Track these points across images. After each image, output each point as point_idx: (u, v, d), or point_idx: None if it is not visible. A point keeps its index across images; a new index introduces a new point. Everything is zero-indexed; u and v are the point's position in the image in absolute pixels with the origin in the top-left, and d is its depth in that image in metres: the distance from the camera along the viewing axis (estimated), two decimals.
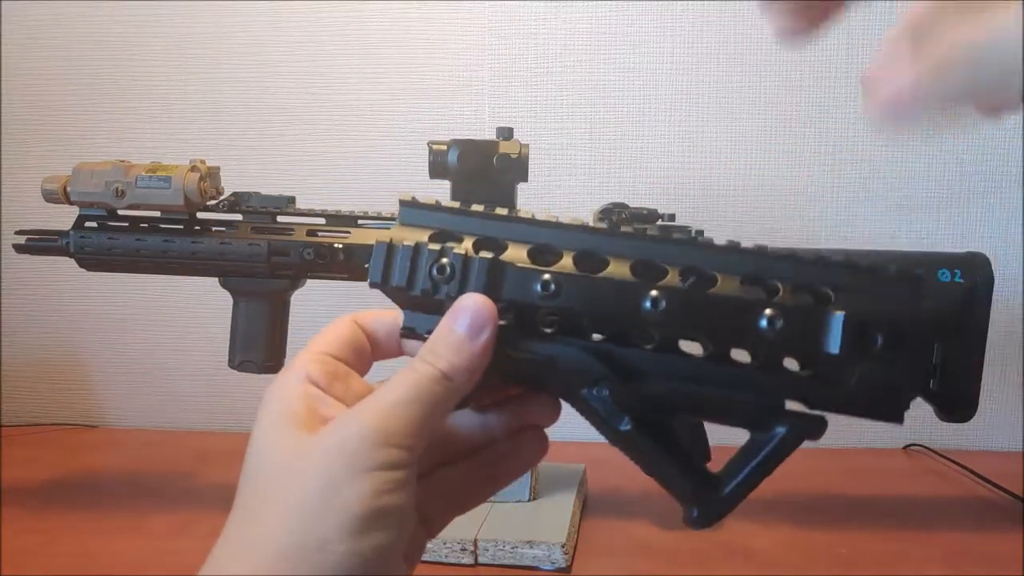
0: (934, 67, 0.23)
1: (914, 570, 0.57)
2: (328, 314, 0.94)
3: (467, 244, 0.31)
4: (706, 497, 0.31)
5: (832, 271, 0.29)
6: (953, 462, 0.79)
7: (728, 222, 0.87)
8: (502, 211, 0.32)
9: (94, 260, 0.63)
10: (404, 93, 0.88)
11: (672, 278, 0.30)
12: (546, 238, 0.31)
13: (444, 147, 0.63)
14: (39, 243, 0.63)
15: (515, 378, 0.32)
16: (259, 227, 0.63)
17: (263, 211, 0.63)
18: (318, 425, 0.29)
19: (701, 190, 0.88)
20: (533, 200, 0.67)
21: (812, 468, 0.76)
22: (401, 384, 0.29)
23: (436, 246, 0.30)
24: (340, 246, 0.62)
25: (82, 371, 0.95)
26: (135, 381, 0.94)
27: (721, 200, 0.87)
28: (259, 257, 0.62)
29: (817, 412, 0.30)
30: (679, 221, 0.65)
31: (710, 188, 0.87)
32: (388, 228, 0.67)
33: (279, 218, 0.64)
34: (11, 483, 0.72)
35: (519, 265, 0.30)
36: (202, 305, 0.90)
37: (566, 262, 0.30)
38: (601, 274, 0.30)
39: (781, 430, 0.30)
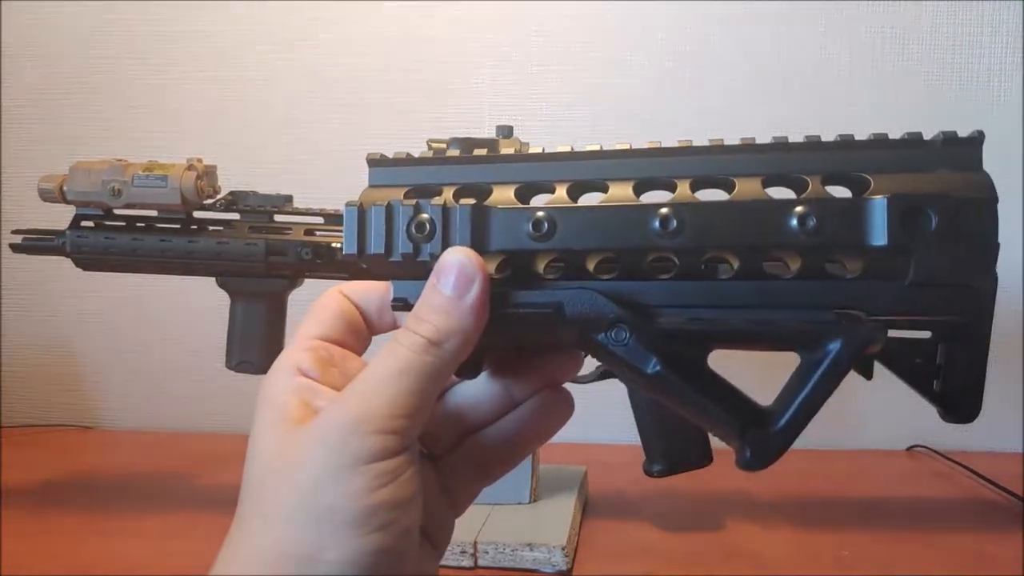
0: None
1: (916, 571, 0.57)
2: None
3: (446, 195, 0.27)
4: (759, 434, 0.26)
5: (865, 152, 0.26)
6: (956, 463, 0.78)
7: None
8: (480, 151, 0.28)
9: (91, 260, 0.62)
10: (404, 92, 0.88)
11: (682, 191, 0.26)
12: (533, 174, 0.27)
13: (443, 145, 0.62)
14: (35, 243, 0.63)
15: (522, 337, 0.29)
16: (256, 226, 0.62)
17: (260, 210, 0.63)
18: (308, 419, 0.27)
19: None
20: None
21: (814, 469, 0.75)
22: (385, 360, 0.26)
23: (411, 202, 0.27)
24: (338, 245, 0.61)
25: (80, 372, 0.94)
26: (133, 382, 0.94)
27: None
28: (256, 256, 0.61)
29: (871, 318, 0.26)
30: None
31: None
32: None
33: (276, 217, 0.63)
34: (9, 484, 0.71)
35: (505, 207, 0.27)
36: (200, 306, 0.90)
37: (559, 195, 0.27)
38: (599, 202, 0.26)
39: (835, 345, 0.26)
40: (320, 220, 0.63)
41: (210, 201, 0.63)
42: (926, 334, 0.29)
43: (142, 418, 0.93)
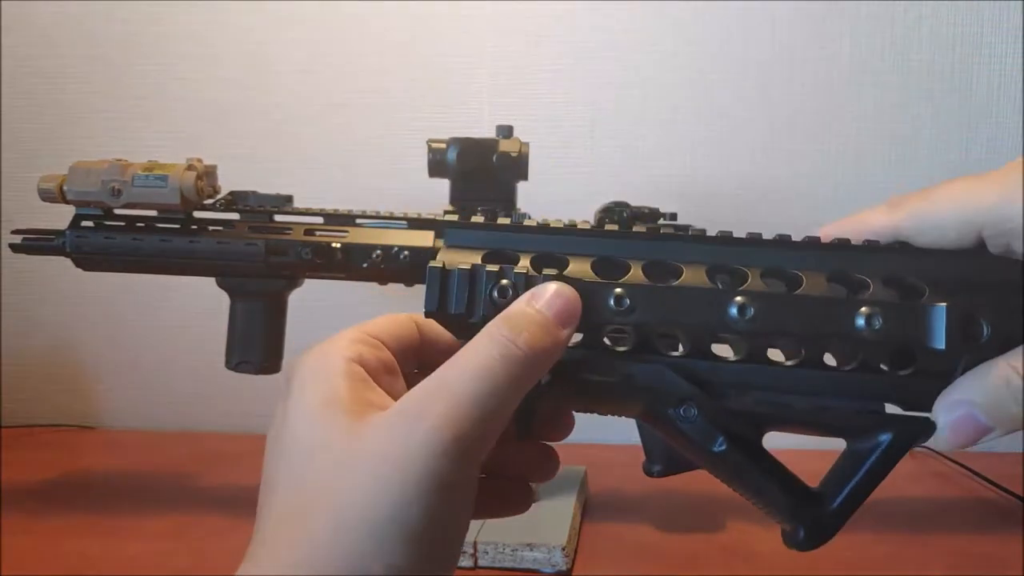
0: None
1: (916, 571, 0.57)
2: (327, 314, 0.93)
3: (525, 262, 0.28)
4: (812, 514, 0.28)
5: (923, 260, 0.27)
6: (956, 463, 0.78)
7: (729, 222, 0.86)
8: (557, 224, 0.30)
9: (91, 260, 0.62)
10: (403, 91, 0.88)
11: (755, 281, 0.28)
12: (609, 249, 0.29)
13: (443, 145, 0.63)
14: (35, 243, 0.63)
15: (583, 403, 0.30)
16: (256, 226, 0.62)
17: (260, 210, 0.63)
18: (365, 413, 0.25)
19: (702, 189, 0.87)
20: (533, 199, 0.67)
21: (813, 470, 0.74)
22: (472, 372, 0.24)
23: (494, 267, 0.28)
24: (338, 245, 0.61)
25: (80, 372, 0.94)
26: (133, 382, 0.93)
27: (722, 199, 0.87)
28: (256, 256, 0.61)
29: (921, 415, 0.28)
30: (680, 220, 0.65)
31: (711, 187, 0.87)
32: (387, 228, 0.67)
33: (276, 217, 0.63)
34: (9, 484, 0.71)
35: (587, 280, 0.28)
36: (199, 305, 0.90)
37: (635, 273, 0.28)
38: (679, 283, 0.28)
39: (886, 437, 0.28)
40: (320, 220, 0.63)
41: (210, 201, 0.63)
42: None
43: (142, 418, 0.93)
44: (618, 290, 0.27)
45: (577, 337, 0.28)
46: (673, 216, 0.65)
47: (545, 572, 0.55)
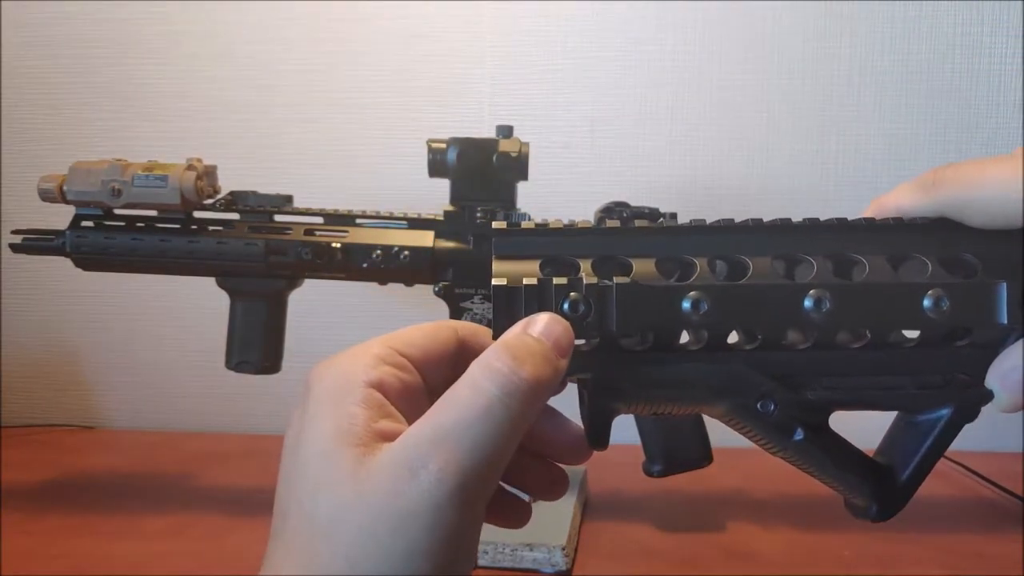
0: None
1: (916, 571, 0.57)
2: (327, 314, 0.93)
3: (586, 267, 0.28)
4: (885, 490, 0.29)
5: (971, 238, 0.28)
6: (956, 463, 0.78)
7: None
8: (612, 223, 0.29)
9: (90, 260, 0.62)
10: (403, 91, 0.88)
11: (823, 271, 0.28)
12: (668, 248, 0.28)
13: (443, 145, 0.63)
14: (35, 243, 0.63)
15: (659, 407, 0.29)
16: (256, 226, 0.62)
17: (260, 210, 0.63)
18: (374, 447, 0.24)
19: (702, 189, 0.87)
20: (533, 199, 0.67)
21: None
22: (474, 415, 0.24)
23: (562, 280, 0.27)
24: (338, 245, 0.61)
25: (79, 372, 0.94)
26: (132, 382, 0.93)
27: (723, 199, 0.87)
28: (256, 256, 0.61)
29: (980, 386, 0.28)
30: (681, 220, 0.65)
31: (711, 187, 0.87)
32: (387, 228, 0.67)
33: (276, 217, 0.63)
34: (9, 484, 0.71)
35: (661, 284, 0.27)
36: (199, 305, 0.90)
37: (702, 270, 0.28)
38: (751, 280, 0.27)
39: (947, 410, 0.29)
40: (320, 220, 0.63)
41: (210, 201, 0.63)
42: None
43: (142, 418, 0.93)
44: (693, 293, 0.27)
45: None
46: (673, 216, 0.65)
47: (545, 572, 0.55)
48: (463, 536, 0.24)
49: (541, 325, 0.26)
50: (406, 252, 0.61)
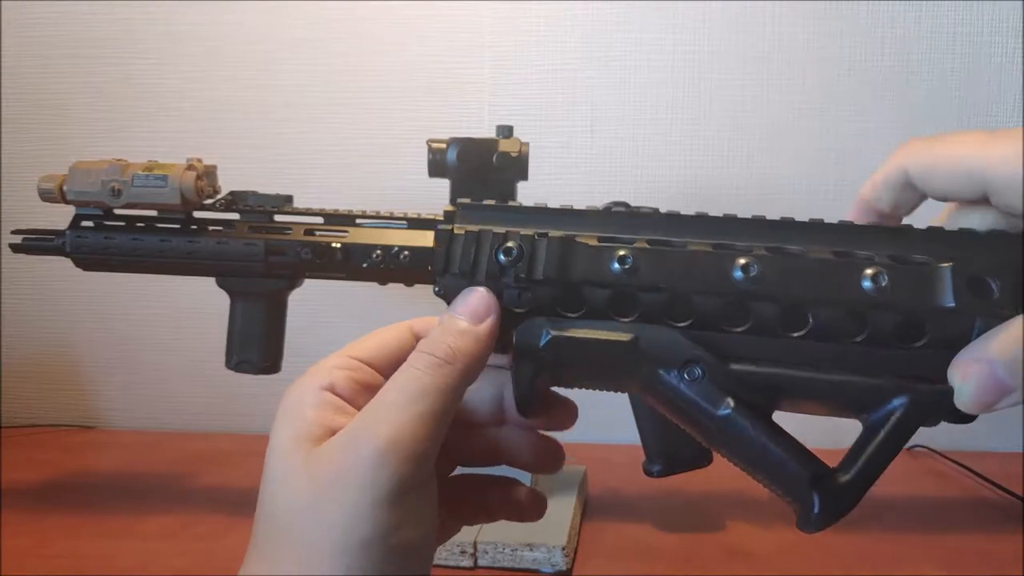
0: None
1: (916, 571, 0.57)
2: (327, 314, 0.93)
3: (532, 230, 0.29)
4: (827, 487, 0.27)
5: (926, 240, 0.27)
6: (956, 463, 0.78)
7: None
8: (567, 207, 0.30)
9: (90, 260, 0.62)
10: (403, 91, 0.88)
11: (758, 250, 0.27)
12: (614, 228, 0.29)
13: (443, 145, 0.63)
14: (35, 243, 0.63)
15: (588, 367, 0.29)
16: (256, 226, 0.62)
17: (260, 210, 0.63)
18: (325, 439, 0.26)
19: (703, 189, 0.87)
20: (533, 199, 0.66)
21: None
22: (403, 384, 0.27)
23: (501, 230, 0.29)
24: (338, 245, 0.61)
25: (79, 372, 0.94)
26: (132, 382, 0.93)
27: (723, 199, 0.87)
28: (256, 256, 0.61)
29: (938, 386, 0.27)
30: None
31: (711, 187, 0.87)
32: (387, 228, 0.67)
33: (276, 217, 0.63)
34: (8, 484, 0.71)
35: (593, 244, 0.28)
36: (199, 305, 0.90)
37: (640, 243, 0.28)
38: (681, 246, 0.28)
39: (900, 401, 0.27)
40: (320, 220, 0.63)
41: (210, 201, 0.63)
42: None
43: (142, 418, 0.93)
44: (622, 251, 0.27)
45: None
46: None
47: (545, 572, 0.55)
48: (403, 496, 0.25)
49: (459, 301, 0.28)
50: (406, 252, 0.61)
